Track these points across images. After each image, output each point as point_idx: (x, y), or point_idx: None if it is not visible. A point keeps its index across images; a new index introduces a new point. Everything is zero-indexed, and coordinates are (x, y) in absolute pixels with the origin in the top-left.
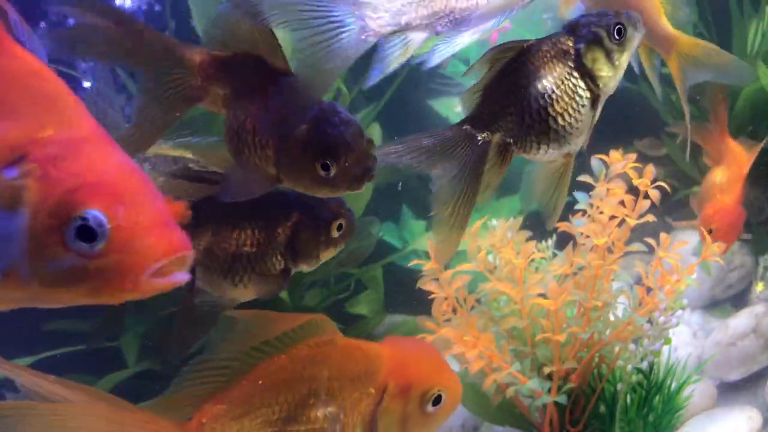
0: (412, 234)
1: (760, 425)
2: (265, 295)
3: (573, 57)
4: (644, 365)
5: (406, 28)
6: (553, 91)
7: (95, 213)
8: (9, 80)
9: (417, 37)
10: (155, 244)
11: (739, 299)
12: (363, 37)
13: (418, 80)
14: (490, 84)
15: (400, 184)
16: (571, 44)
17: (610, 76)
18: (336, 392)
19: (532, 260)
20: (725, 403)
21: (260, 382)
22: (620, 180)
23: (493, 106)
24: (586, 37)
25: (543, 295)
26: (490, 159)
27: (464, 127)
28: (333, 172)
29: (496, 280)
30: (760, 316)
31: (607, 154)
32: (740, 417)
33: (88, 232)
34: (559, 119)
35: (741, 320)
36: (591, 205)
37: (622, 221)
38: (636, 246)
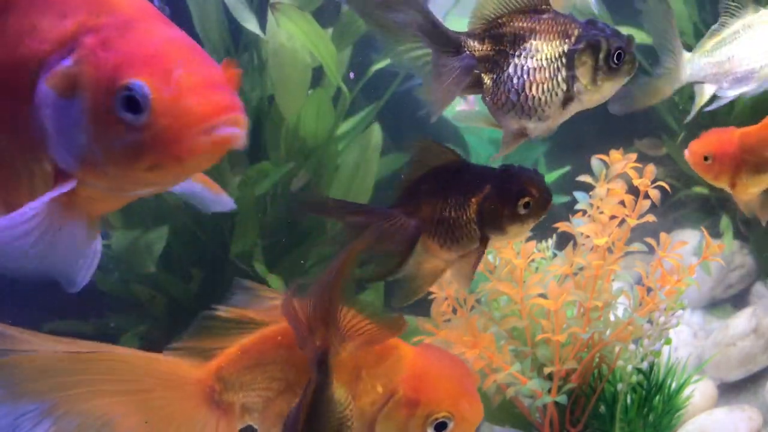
0: None
1: (760, 425)
2: (467, 256)
3: (568, 47)
4: (644, 365)
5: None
6: (541, 61)
7: (138, 83)
8: None
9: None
10: (199, 105)
11: (739, 299)
12: None
13: (417, 80)
14: (498, 21)
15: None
16: (575, 33)
17: (587, 88)
18: (344, 376)
19: (532, 260)
20: (725, 403)
21: (279, 338)
22: (620, 180)
23: (492, 38)
24: (589, 38)
25: (543, 296)
26: (460, 76)
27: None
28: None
29: (496, 280)
30: (760, 317)
31: (607, 154)
32: (740, 417)
33: (135, 103)
34: (533, 89)
35: (741, 320)
36: (591, 205)
37: (623, 221)
38: (636, 246)
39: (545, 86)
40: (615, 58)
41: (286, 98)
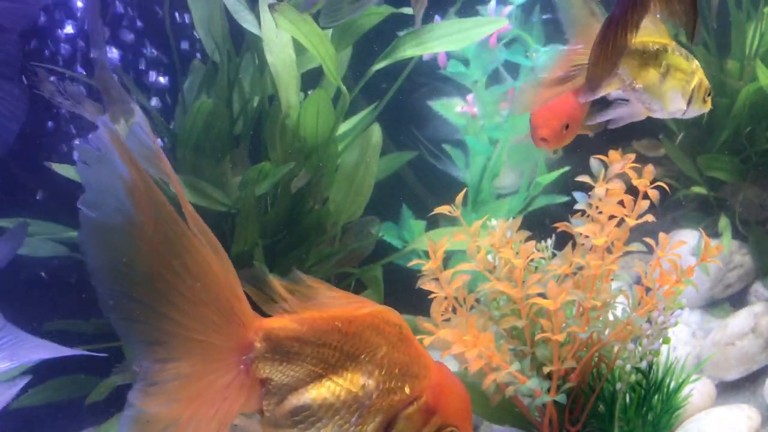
0: (412, 234)
1: (758, 424)
2: None
3: None
4: (643, 365)
5: None
6: None
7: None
8: None
9: None
10: None
11: (737, 299)
12: None
13: (418, 81)
14: None
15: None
16: None
17: None
18: (381, 371)
19: (532, 260)
20: (724, 402)
21: (338, 323)
22: (619, 180)
23: None
24: None
25: (542, 295)
26: None
27: None
28: None
29: (495, 279)
30: (758, 316)
31: (606, 154)
32: (739, 416)
33: None
34: None
35: (740, 320)
36: (590, 205)
37: (622, 221)
38: (635, 246)
39: None
40: None
41: (286, 98)
